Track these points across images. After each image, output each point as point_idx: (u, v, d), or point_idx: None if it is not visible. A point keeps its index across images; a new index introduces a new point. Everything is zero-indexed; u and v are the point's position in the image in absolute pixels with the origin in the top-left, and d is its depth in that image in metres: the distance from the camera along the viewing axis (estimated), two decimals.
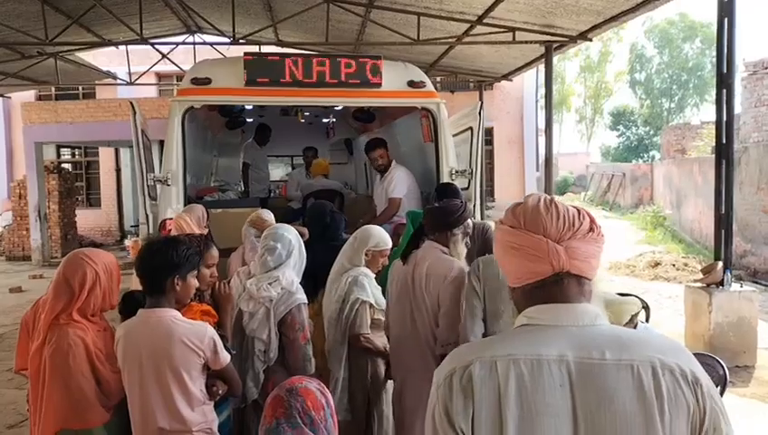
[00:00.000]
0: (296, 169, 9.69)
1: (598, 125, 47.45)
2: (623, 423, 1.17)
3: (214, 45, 12.41)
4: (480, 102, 5.44)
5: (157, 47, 12.43)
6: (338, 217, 4.15)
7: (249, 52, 5.24)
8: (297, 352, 2.94)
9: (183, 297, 2.62)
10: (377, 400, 3.48)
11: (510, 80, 14.17)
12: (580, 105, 47.19)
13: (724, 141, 6.53)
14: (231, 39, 10.66)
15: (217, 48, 12.37)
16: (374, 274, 3.52)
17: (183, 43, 12.96)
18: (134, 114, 4.76)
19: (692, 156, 18.91)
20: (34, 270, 14.15)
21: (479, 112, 5.23)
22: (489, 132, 16.94)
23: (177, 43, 12.66)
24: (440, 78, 15.17)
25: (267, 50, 11.46)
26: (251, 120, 8.50)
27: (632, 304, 4.51)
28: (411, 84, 5.32)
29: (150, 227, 4.83)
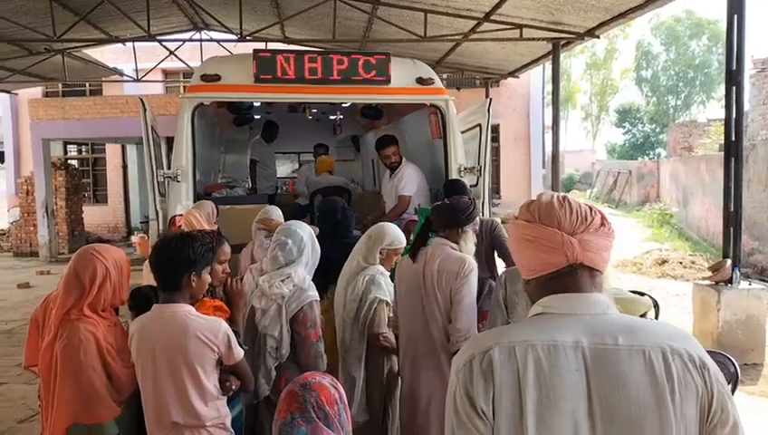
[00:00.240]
0: (305, 165, 9.71)
1: (603, 122, 47.37)
2: (636, 405, 1.23)
3: (220, 42, 12.43)
4: (489, 99, 5.43)
5: (164, 44, 12.45)
6: (349, 213, 4.15)
7: (258, 48, 5.25)
8: (309, 350, 2.94)
9: (197, 293, 2.64)
10: (391, 399, 3.48)
11: (516, 77, 14.15)
12: (585, 102, 47.11)
13: (733, 139, 6.51)
14: (238, 36, 10.67)
15: (224, 45, 12.37)
16: (388, 272, 3.52)
17: (190, 40, 12.97)
18: (144, 111, 4.77)
19: (699, 153, 18.83)
20: (42, 266, 14.20)
21: (488, 109, 5.22)
22: (495, 129, 16.92)
23: (185, 40, 12.68)
24: (446, 75, 15.14)
25: (273, 47, 11.47)
26: (258, 117, 8.51)
27: (643, 303, 4.54)
28: (420, 81, 5.31)
29: (160, 223, 4.85)
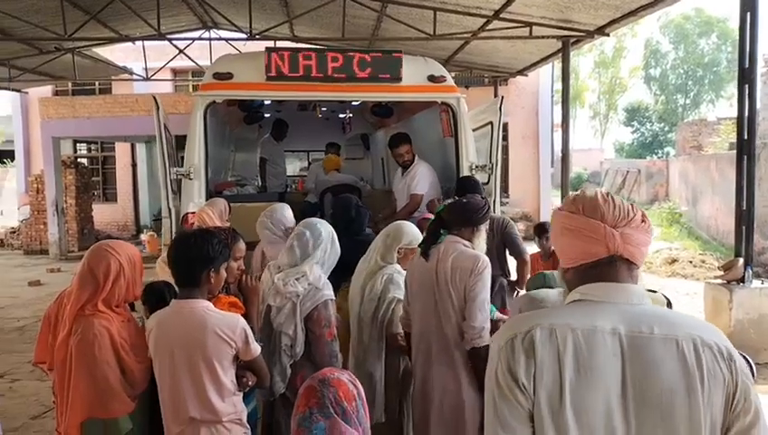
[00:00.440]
0: (316, 163, 9.73)
1: (612, 121, 47.08)
2: (668, 390, 1.33)
3: (229, 41, 12.46)
4: (501, 97, 5.43)
5: (173, 42, 12.49)
6: (363, 211, 4.15)
7: (271, 46, 5.26)
8: (323, 348, 2.93)
9: (213, 289, 2.65)
10: (407, 398, 3.48)
11: (525, 75, 14.12)
12: (593, 101, 46.83)
13: (745, 137, 6.47)
14: (248, 35, 10.69)
15: (233, 44, 12.40)
16: (405, 271, 3.52)
17: (199, 39, 13.00)
18: (157, 109, 4.79)
19: (709, 152, 18.74)
20: (52, 264, 14.29)
21: (499, 107, 5.22)
22: (504, 128, 16.77)
23: (194, 39, 12.71)
24: (455, 73, 15.11)
25: (282, 46, 11.49)
26: (268, 116, 8.53)
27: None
28: (431, 79, 5.31)
29: (173, 220, 4.86)
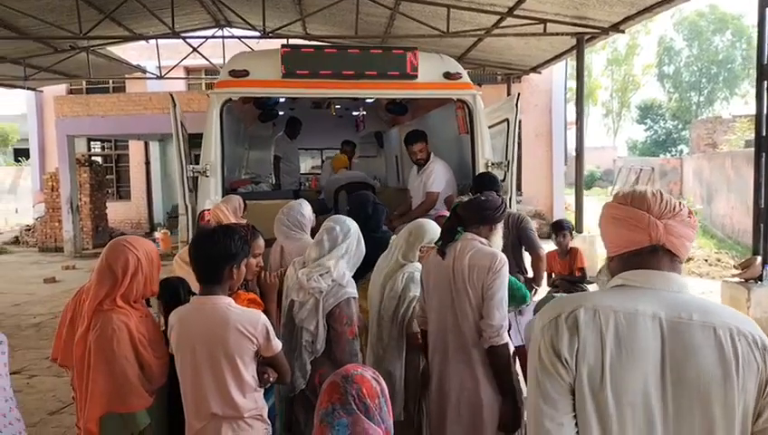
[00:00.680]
0: (328, 160, 9.76)
1: (624, 119, 46.79)
2: (705, 374, 1.39)
3: (242, 39, 12.49)
4: (517, 94, 5.40)
5: (187, 41, 12.55)
6: (380, 208, 4.14)
7: (287, 44, 5.26)
8: (344, 346, 2.93)
9: (233, 285, 2.66)
10: (425, 396, 3.47)
11: (539, 72, 14.07)
12: (606, 99, 46.56)
13: (764, 134, 6.41)
14: (261, 33, 10.71)
15: (246, 42, 12.43)
16: None
17: (213, 37, 13.06)
18: (174, 107, 4.80)
19: (724, 150, 18.57)
20: (67, 261, 14.40)
21: (516, 104, 5.19)
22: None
23: (207, 37, 12.76)
24: (468, 71, 15.07)
25: (295, 43, 11.50)
26: (282, 114, 8.54)
27: None
28: (447, 76, 5.29)
29: (190, 218, 4.88)
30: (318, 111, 8.66)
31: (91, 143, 19.94)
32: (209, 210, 4.68)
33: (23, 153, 25.29)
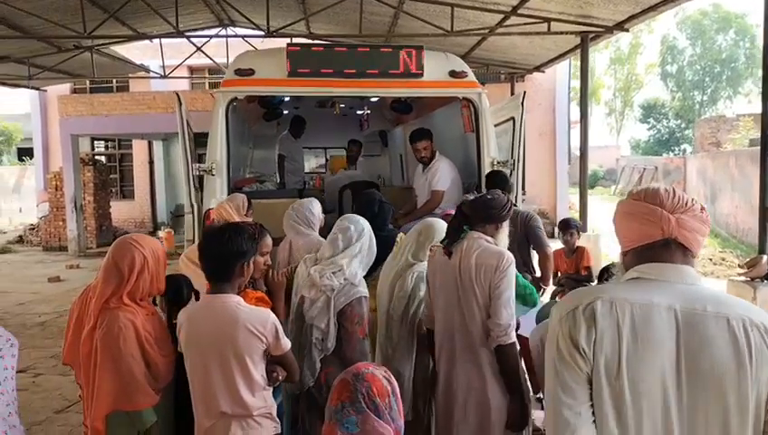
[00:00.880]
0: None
1: (627, 118, 46.70)
2: (719, 364, 1.43)
3: (246, 38, 12.49)
4: (523, 92, 5.39)
5: (191, 40, 12.55)
6: (386, 206, 4.13)
7: (293, 43, 5.25)
8: (354, 345, 2.93)
9: (242, 283, 2.66)
10: (433, 395, 3.47)
11: (542, 71, 14.04)
12: (609, 98, 46.48)
13: None
14: (265, 32, 10.71)
15: (250, 41, 12.43)
16: None
17: (216, 36, 13.06)
18: (180, 105, 4.81)
19: (728, 149, 18.52)
20: (71, 260, 14.42)
21: (521, 102, 5.18)
22: None
23: (211, 36, 12.77)
24: (471, 70, 15.08)
25: (301, 42, 11.50)
26: (286, 112, 8.54)
27: None
28: (453, 74, 5.29)
29: (196, 216, 4.88)
30: (322, 110, 8.66)
31: (95, 142, 19.96)
32: (214, 209, 4.68)
33: (27, 152, 25.33)
